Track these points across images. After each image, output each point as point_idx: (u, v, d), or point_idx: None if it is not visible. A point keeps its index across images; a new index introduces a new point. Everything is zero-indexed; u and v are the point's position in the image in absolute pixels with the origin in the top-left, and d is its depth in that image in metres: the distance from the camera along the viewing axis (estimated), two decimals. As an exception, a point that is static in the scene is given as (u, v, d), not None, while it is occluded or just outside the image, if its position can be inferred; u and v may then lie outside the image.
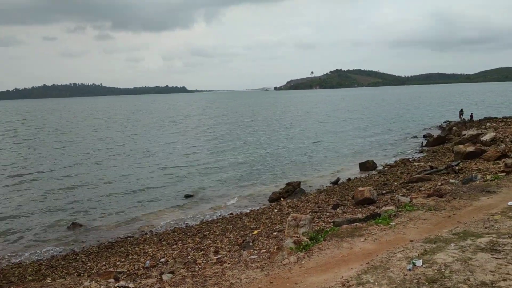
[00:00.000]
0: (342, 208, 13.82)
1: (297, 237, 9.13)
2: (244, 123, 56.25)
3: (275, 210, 15.15)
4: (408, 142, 32.95)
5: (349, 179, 20.01)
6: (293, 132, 43.19)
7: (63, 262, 11.37)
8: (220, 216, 15.60)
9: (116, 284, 7.35)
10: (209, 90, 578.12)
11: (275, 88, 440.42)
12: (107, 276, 8.63)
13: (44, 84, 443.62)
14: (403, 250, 6.51)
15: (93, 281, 7.52)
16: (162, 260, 10.46)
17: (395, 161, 23.53)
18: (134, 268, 10.04)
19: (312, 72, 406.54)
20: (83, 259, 11.52)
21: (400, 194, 13.43)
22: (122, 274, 9.54)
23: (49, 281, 9.57)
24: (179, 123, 59.49)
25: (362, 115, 63.47)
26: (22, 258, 12.24)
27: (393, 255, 6.37)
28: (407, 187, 14.99)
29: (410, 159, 23.38)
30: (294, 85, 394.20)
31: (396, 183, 16.45)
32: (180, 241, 12.33)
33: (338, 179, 19.79)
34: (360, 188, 14.06)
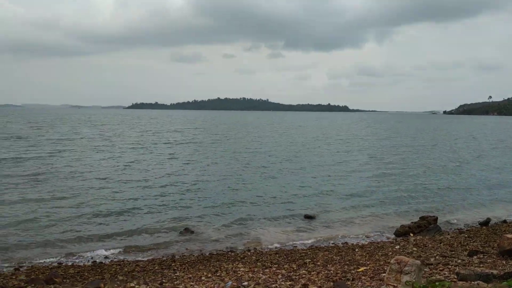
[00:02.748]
0: (481, 256, 11.05)
1: (394, 286, 7.27)
2: (423, 147, 49.62)
3: (397, 247, 12.96)
4: None
5: (504, 221, 16.35)
6: (484, 163, 36.26)
7: (156, 267, 11.25)
8: (332, 243, 14.02)
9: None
10: (372, 111, 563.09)
11: (445, 112, 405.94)
12: (174, 291, 8.00)
13: (218, 97, 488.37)
14: None
15: None
16: (245, 284, 9.47)
17: None
18: (213, 287, 9.25)
19: (490, 97, 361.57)
20: (176, 267, 11.24)
21: None
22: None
23: (133, 285, 9.41)
24: (349, 142, 56.18)
25: None
26: (126, 256, 12.58)
27: None
28: None
29: None
30: (468, 109, 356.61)
31: None
32: (276, 265, 11.21)
33: (489, 220, 16.30)
34: (509, 235, 11.05)
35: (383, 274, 9.67)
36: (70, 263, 11.69)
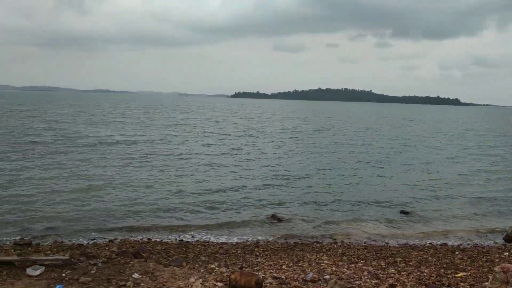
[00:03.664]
0: None
1: (496, 299, 6.28)
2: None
3: (506, 254, 11.44)
4: None
5: None
6: None
7: (239, 251, 11.18)
8: (429, 243, 12.81)
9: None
10: (487, 105, 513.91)
11: None
12: (250, 277, 7.78)
13: (319, 88, 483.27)
14: None
15: (200, 280, 6.78)
16: (327, 277, 8.96)
17: None
18: (292, 277, 8.88)
19: None
20: (259, 253, 11.06)
21: None
22: (276, 280, 8.55)
23: (213, 266, 9.40)
24: (467, 138, 50.19)
25: None
26: (211, 237, 12.74)
27: None
28: None
29: None
30: None
31: None
32: (362, 261, 10.49)
33: None
34: None
35: (485, 283, 8.53)
36: (158, 240, 12.13)
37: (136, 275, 7.69)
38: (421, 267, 9.99)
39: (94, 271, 7.99)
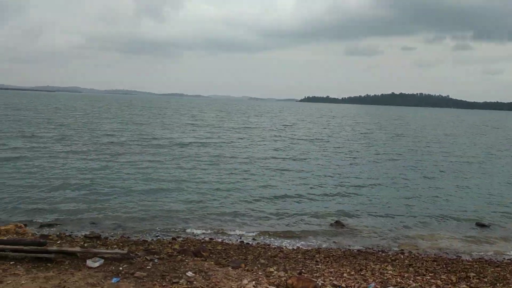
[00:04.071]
0: None
1: None
2: None
3: None
4: None
5: None
6: None
7: (299, 256, 10.95)
8: (508, 259, 11.77)
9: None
10: None
11: None
12: (307, 283, 7.56)
13: (392, 92, 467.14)
14: None
15: (253, 282, 6.61)
16: (390, 288, 8.50)
17: None
18: (353, 286, 8.51)
19: None
20: (320, 259, 10.75)
21: None
22: (336, 287, 8.25)
23: (272, 270, 9.28)
24: None
25: None
26: (272, 240, 12.62)
27: None
28: None
29: None
30: None
31: None
32: (431, 274, 9.84)
33: None
34: None
35: None
36: (219, 240, 12.22)
37: (189, 274, 7.77)
38: (497, 284, 9.19)
39: (149, 267, 8.19)
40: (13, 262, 7.88)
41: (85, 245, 10.10)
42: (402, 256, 11.58)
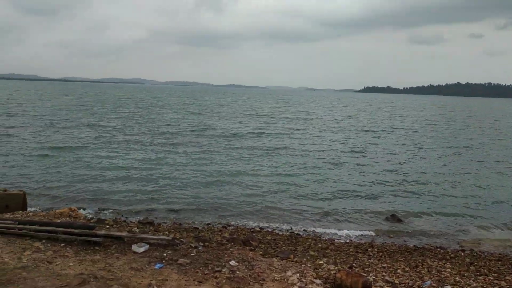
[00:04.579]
0: None
1: None
2: None
3: None
4: None
5: None
6: None
7: (351, 249, 10.59)
8: None
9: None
10: None
11: None
12: (357, 277, 7.24)
13: (458, 82, 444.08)
14: None
15: (298, 274, 6.36)
16: (448, 287, 7.97)
17: None
18: (407, 283, 8.07)
19: None
20: (372, 253, 10.34)
21: None
22: (388, 284, 7.86)
23: (321, 262, 9.04)
24: None
25: None
26: (323, 232, 12.32)
27: None
28: None
29: None
30: None
31: None
32: (494, 274, 9.15)
33: None
34: None
35: None
36: (270, 230, 12.11)
37: (233, 262, 7.69)
38: None
39: (193, 254, 8.20)
40: (63, 244, 8.19)
41: (137, 230, 10.33)
42: (462, 254, 10.89)
